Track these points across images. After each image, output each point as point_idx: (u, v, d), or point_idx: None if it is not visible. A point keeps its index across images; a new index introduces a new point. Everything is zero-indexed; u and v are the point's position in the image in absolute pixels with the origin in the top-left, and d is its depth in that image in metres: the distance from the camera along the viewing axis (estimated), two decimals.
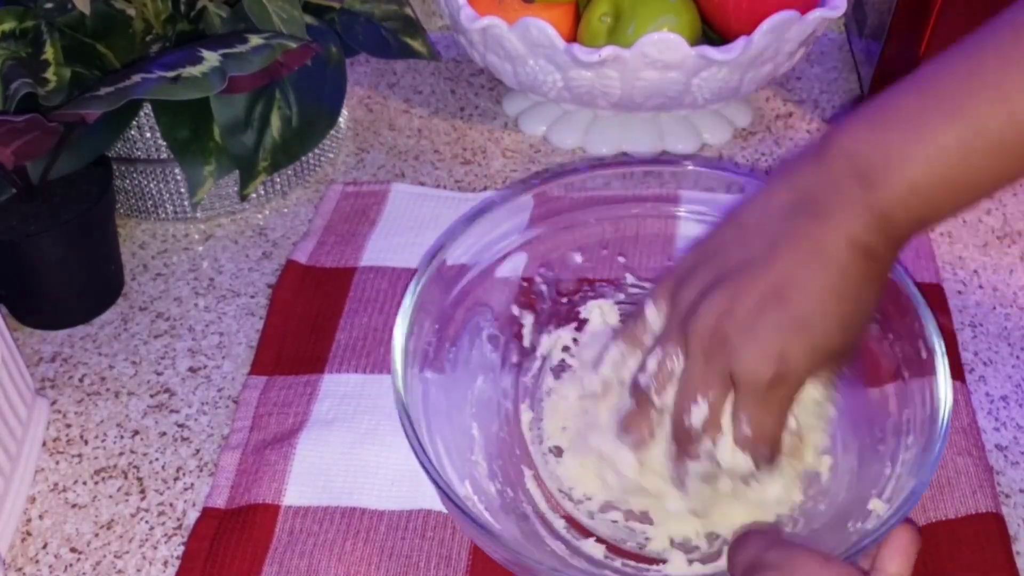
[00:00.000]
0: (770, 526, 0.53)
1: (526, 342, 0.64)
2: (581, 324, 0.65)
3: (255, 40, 0.64)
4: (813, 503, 0.55)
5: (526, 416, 0.61)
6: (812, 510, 0.54)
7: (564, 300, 0.65)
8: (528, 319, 0.64)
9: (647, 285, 0.66)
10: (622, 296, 0.66)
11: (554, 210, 0.64)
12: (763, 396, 0.48)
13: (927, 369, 0.53)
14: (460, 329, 0.61)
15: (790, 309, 0.47)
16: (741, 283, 0.47)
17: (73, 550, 0.56)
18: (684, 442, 0.50)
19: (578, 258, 0.66)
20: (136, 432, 0.63)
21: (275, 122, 0.70)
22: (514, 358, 0.63)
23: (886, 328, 0.57)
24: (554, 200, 0.64)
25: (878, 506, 0.50)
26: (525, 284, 0.64)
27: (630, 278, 0.66)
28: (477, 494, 0.53)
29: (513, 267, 0.63)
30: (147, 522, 0.58)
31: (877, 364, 0.57)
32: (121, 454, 0.61)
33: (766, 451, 0.50)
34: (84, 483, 0.60)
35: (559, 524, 0.56)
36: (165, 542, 0.57)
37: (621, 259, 0.67)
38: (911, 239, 0.48)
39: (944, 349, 0.53)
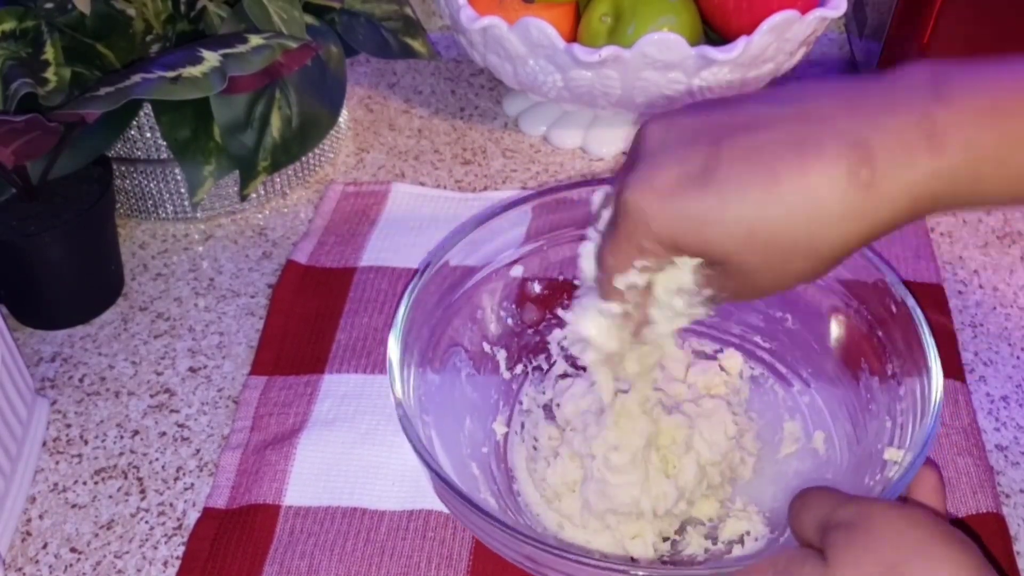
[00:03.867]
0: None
1: (504, 375, 0.63)
2: (550, 354, 0.64)
3: (255, 40, 0.64)
4: (818, 474, 0.55)
5: (520, 452, 0.60)
6: (819, 479, 0.55)
7: (531, 331, 0.64)
8: (501, 354, 0.63)
9: None
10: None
11: (547, 226, 0.63)
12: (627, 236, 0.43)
13: (905, 319, 0.54)
14: (442, 368, 0.60)
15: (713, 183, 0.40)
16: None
17: (73, 550, 0.56)
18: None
19: (536, 287, 0.64)
20: (136, 432, 0.63)
21: (275, 122, 0.70)
22: (493, 395, 0.62)
23: (851, 297, 0.58)
24: (547, 216, 0.63)
25: (893, 454, 0.50)
26: (492, 319, 0.63)
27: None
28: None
29: (478, 303, 0.62)
30: (147, 522, 0.58)
31: (857, 339, 0.58)
32: (121, 454, 0.61)
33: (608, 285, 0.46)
34: (84, 483, 0.60)
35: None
36: (165, 542, 0.57)
37: (577, 281, 0.66)
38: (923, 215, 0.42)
39: (915, 301, 0.54)
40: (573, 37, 0.80)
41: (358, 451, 0.60)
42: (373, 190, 0.79)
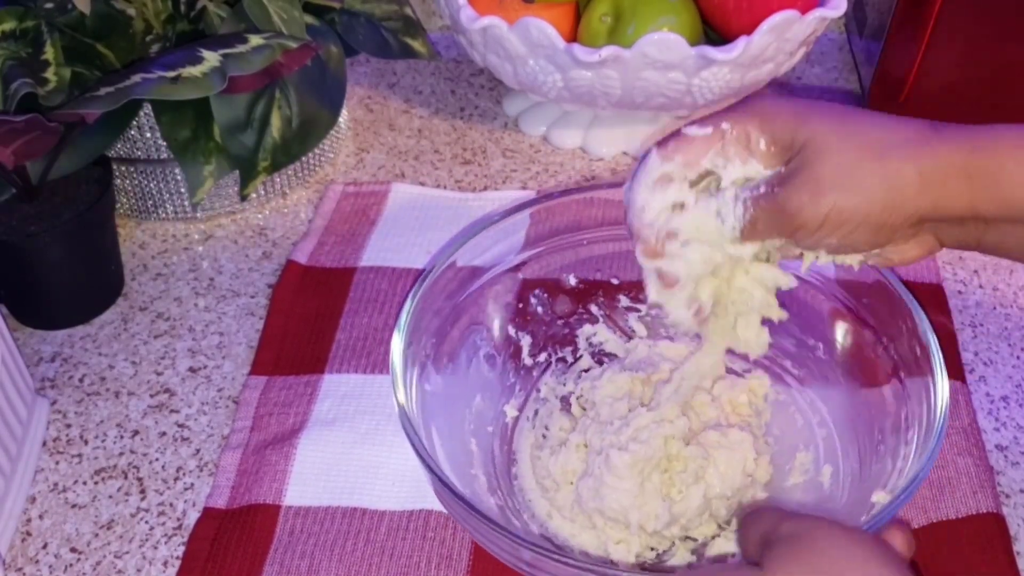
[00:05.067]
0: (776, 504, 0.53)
1: (526, 361, 0.64)
2: (576, 347, 0.65)
3: (255, 40, 0.64)
4: (819, 508, 0.55)
5: (527, 438, 0.61)
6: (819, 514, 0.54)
7: (560, 322, 0.65)
8: (526, 340, 0.64)
9: (641, 307, 0.66)
10: (616, 318, 0.66)
11: (549, 231, 0.64)
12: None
13: (923, 367, 0.53)
14: (457, 347, 0.60)
15: None
16: None
17: (73, 550, 0.56)
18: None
19: (572, 279, 0.65)
20: (136, 432, 0.63)
21: (275, 122, 0.70)
22: (511, 379, 0.63)
23: (880, 331, 0.57)
24: (549, 220, 0.63)
25: (881, 498, 0.50)
26: (520, 306, 0.64)
27: (624, 300, 0.66)
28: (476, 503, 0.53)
29: (507, 288, 0.63)
30: (147, 522, 0.58)
31: (873, 366, 0.58)
32: (121, 454, 0.61)
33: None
34: (84, 483, 0.60)
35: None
36: (165, 542, 0.57)
37: (615, 280, 0.66)
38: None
39: (938, 345, 0.53)
40: (573, 37, 0.80)
41: (358, 451, 0.60)
42: (373, 190, 0.79)
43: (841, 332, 0.60)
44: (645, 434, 0.54)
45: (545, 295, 0.64)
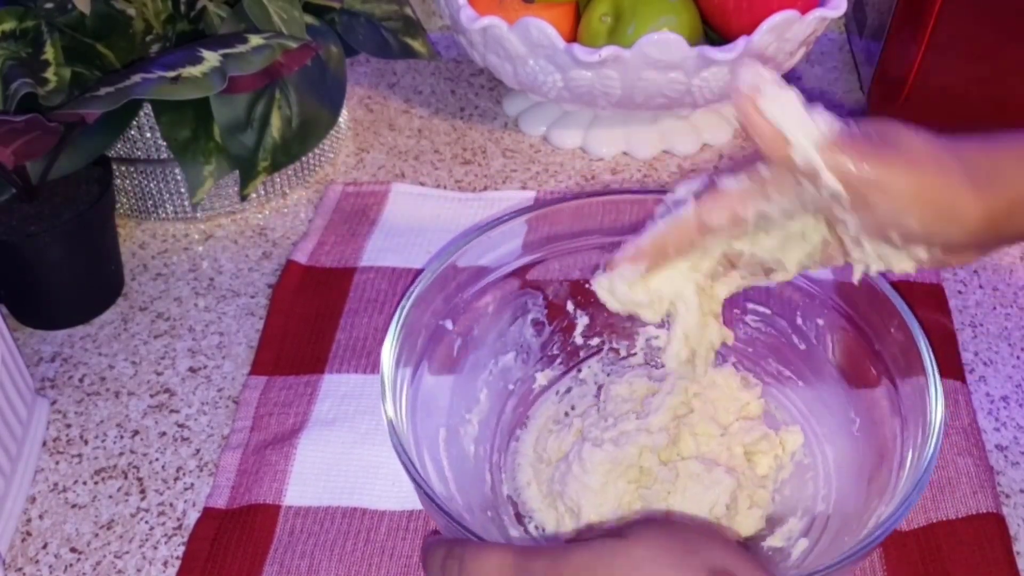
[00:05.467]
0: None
1: (576, 340, 0.64)
2: (634, 343, 0.64)
3: (255, 40, 0.64)
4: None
5: (547, 409, 0.62)
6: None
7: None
8: (583, 320, 0.64)
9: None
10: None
11: (547, 237, 0.63)
12: None
13: (915, 368, 0.52)
14: (505, 302, 0.61)
15: None
16: None
17: (73, 550, 0.56)
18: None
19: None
20: (136, 432, 0.63)
21: (275, 122, 0.70)
22: (555, 351, 0.64)
23: (872, 336, 0.56)
24: (548, 226, 0.62)
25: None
26: (588, 284, 0.62)
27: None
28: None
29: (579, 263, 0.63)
30: (147, 522, 0.58)
31: (866, 370, 0.56)
32: (121, 454, 0.61)
33: None
34: (84, 483, 0.60)
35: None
36: (165, 542, 0.57)
37: None
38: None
39: (930, 350, 0.52)
40: (573, 37, 0.80)
41: (358, 451, 0.60)
42: (373, 190, 0.79)
43: (836, 336, 0.59)
44: (625, 439, 0.55)
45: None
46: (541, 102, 0.85)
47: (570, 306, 0.63)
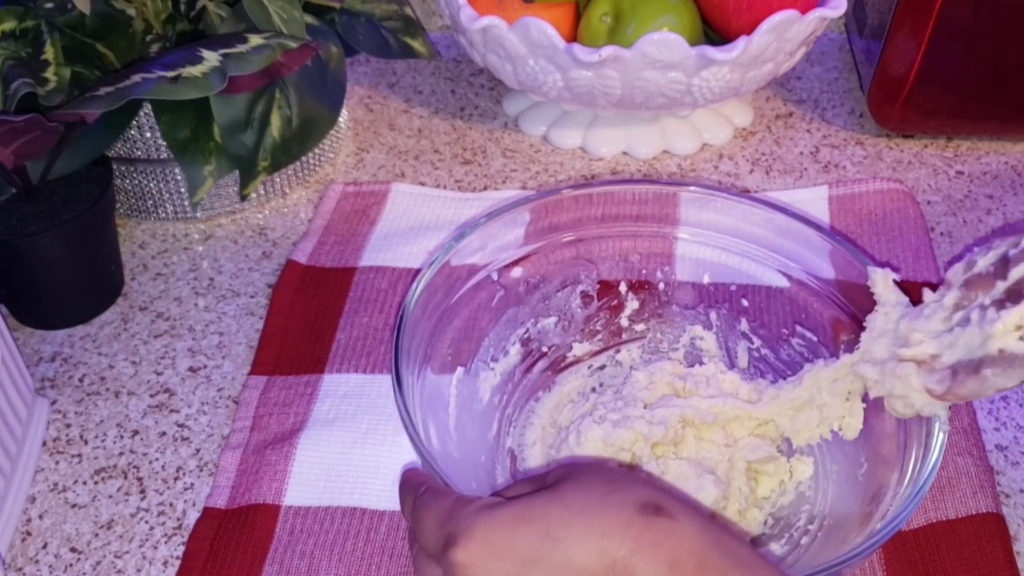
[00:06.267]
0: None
1: (622, 322, 0.64)
2: (678, 339, 0.64)
3: (255, 40, 0.64)
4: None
5: (575, 381, 0.63)
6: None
7: (675, 308, 0.64)
8: (632, 304, 0.64)
9: (754, 340, 0.63)
10: (729, 337, 0.64)
11: (549, 227, 0.63)
12: None
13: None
14: (560, 267, 0.62)
15: None
16: None
17: (73, 550, 0.56)
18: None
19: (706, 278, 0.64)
20: (136, 432, 0.63)
21: (275, 122, 0.70)
22: (599, 327, 0.64)
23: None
24: (549, 218, 0.63)
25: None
26: (645, 272, 0.63)
27: (744, 324, 0.64)
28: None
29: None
30: (147, 522, 0.58)
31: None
32: (121, 454, 0.61)
33: None
34: (84, 483, 0.60)
35: None
36: (165, 542, 0.57)
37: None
38: None
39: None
40: (573, 37, 0.81)
41: (358, 451, 0.60)
42: (373, 190, 0.79)
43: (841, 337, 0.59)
44: (625, 422, 0.55)
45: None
46: (541, 102, 0.85)
47: (623, 287, 0.64)
